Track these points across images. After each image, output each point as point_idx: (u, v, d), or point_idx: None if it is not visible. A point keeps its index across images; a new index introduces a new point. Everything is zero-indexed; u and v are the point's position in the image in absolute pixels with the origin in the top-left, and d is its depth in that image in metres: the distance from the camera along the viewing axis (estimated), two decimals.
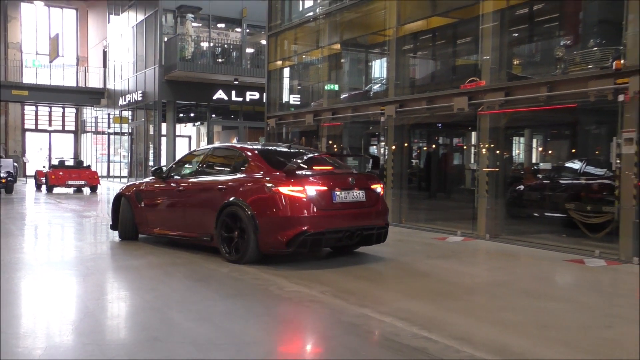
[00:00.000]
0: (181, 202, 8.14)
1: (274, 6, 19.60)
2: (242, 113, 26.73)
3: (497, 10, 11.55)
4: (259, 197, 7.01)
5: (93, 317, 4.96)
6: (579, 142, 14.51)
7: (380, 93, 15.75)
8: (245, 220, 6.94)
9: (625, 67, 8.22)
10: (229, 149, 8.69)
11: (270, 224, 6.84)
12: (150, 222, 8.61)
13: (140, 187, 8.91)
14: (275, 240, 6.83)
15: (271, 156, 7.79)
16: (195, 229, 7.82)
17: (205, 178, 8.05)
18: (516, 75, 12.35)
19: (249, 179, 7.33)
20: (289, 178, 6.93)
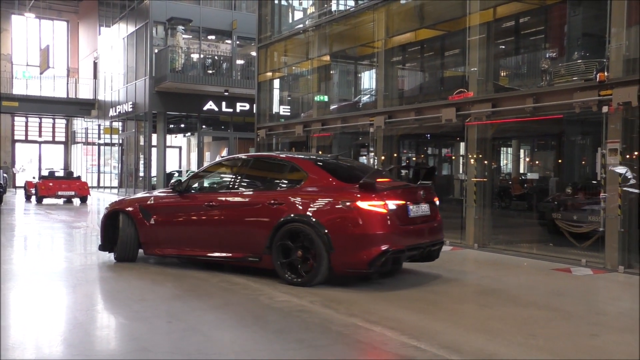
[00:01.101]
0: (214, 219, 7.19)
1: (264, 18, 19.68)
2: (232, 124, 26.72)
3: (484, 22, 11.67)
4: (332, 212, 6.38)
5: (82, 328, 4.92)
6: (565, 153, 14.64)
7: (369, 104, 15.84)
8: (315, 238, 6.27)
9: (609, 80, 8.32)
10: (276, 160, 7.82)
11: (348, 242, 6.23)
12: (163, 242, 7.60)
13: (146, 202, 7.82)
14: (354, 259, 6.21)
15: (333, 168, 7.12)
16: (236, 249, 6.99)
17: (248, 192, 7.27)
18: (503, 87, 12.46)
19: (315, 193, 6.60)
20: (368, 192, 6.32)
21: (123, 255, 7.87)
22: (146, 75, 24.95)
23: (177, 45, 24.62)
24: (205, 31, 25.99)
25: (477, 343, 4.50)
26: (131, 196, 8.55)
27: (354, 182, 6.57)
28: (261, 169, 7.74)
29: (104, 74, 31.51)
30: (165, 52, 24.31)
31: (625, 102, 8.01)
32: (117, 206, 8.15)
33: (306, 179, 6.83)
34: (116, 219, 7.96)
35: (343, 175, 6.88)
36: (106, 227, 8.08)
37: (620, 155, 8.09)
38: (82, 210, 19.12)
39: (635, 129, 8.25)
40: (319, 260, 6.29)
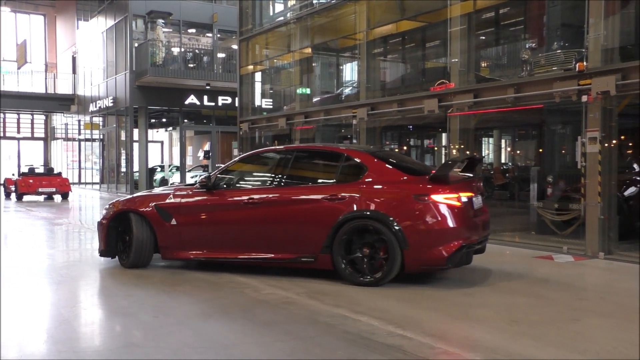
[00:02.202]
0: (256, 217, 6.59)
1: (245, 11, 19.60)
2: (214, 118, 26.61)
3: (465, 14, 11.75)
4: (405, 207, 6.03)
5: (68, 325, 4.92)
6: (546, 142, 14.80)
7: (351, 96, 15.86)
8: (388, 234, 5.93)
9: (588, 69, 8.44)
10: (327, 152, 7.23)
11: (425, 238, 5.95)
12: (189, 245, 6.91)
13: (165, 201, 7.06)
14: (431, 256, 5.94)
15: (393, 160, 6.78)
16: (285, 250, 6.48)
17: (297, 187, 6.73)
18: (484, 78, 12.56)
19: (382, 187, 6.24)
20: (441, 185, 6.07)
21: (137, 261, 7.03)
22: (126, 69, 24.74)
23: (158, 39, 24.44)
24: (186, 24, 25.83)
25: (462, 330, 4.59)
26: (139, 195, 7.63)
27: (418, 175, 6.42)
28: (309, 162, 7.20)
29: (83, 68, 31.17)
30: (145, 46, 24.12)
31: (604, 92, 8.14)
32: (125, 206, 7.21)
33: (366, 171, 6.37)
34: (123, 220, 7.16)
35: (404, 168, 6.58)
36: (109, 230, 7.23)
37: (599, 144, 8.22)
38: (63, 207, 18.95)
39: (614, 117, 8.39)
40: (392, 258, 5.94)
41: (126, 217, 7.10)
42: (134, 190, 24.84)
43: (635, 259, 7.78)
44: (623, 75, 8.03)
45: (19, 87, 32.38)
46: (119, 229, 7.26)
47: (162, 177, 28.43)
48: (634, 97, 8.37)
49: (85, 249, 9.71)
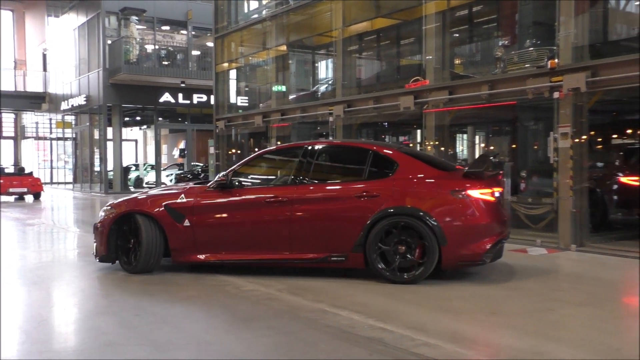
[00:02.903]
0: (281, 216, 6.33)
1: (220, 8, 19.53)
2: (189, 116, 26.46)
3: (439, 11, 11.88)
4: (442, 203, 5.99)
5: (48, 325, 4.90)
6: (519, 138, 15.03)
7: (327, 94, 15.91)
8: (426, 231, 5.84)
9: (559, 66, 8.63)
10: (354, 148, 7.10)
11: (463, 233, 5.92)
12: (204, 247, 6.55)
13: (176, 201, 6.63)
14: (469, 251, 5.93)
15: (422, 156, 6.78)
16: (314, 249, 6.27)
17: (325, 184, 6.55)
18: (459, 75, 12.72)
19: (416, 183, 6.16)
20: (477, 180, 6.07)
21: (146, 265, 6.59)
22: (99, 67, 24.45)
23: (131, 36, 24.23)
24: (160, 21, 25.64)
25: (442, 322, 4.67)
26: (143, 195, 7.14)
27: (446, 170, 6.44)
28: (333, 158, 7.00)
29: (55, 66, 30.69)
30: (118, 44, 23.88)
31: (575, 88, 8.33)
32: (130, 208, 6.76)
33: (397, 167, 6.27)
34: (127, 223, 6.73)
35: (434, 164, 6.55)
36: (111, 234, 6.73)
37: (570, 139, 8.41)
38: (35, 207, 18.67)
39: (584, 113, 8.59)
40: (430, 255, 5.87)
41: (131, 219, 6.66)
42: (108, 189, 24.60)
43: (606, 250, 8.02)
44: (593, 73, 8.23)
45: None
46: (120, 232, 6.79)
47: (137, 176, 28.19)
48: (604, 94, 8.59)
49: (58, 249, 9.61)
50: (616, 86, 8.22)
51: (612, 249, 8.18)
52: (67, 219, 14.80)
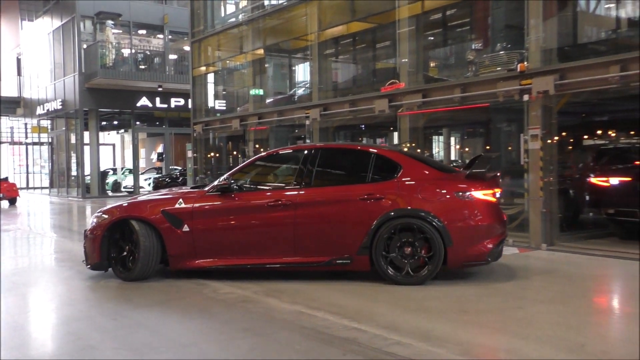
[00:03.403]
0: (284, 220, 6.24)
1: (197, 12, 19.50)
2: (167, 120, 26.35)
3: (413, 15, 12.03)
4: (447, 204, 6.02)
5: (23, 331, 4.88)
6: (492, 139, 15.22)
7: (304, 97, 16.00)
8: (432, 232, 5.88)
9: (528, 70, 8.79)
10: (356, 151, 6.99)
11: (468, 234, 5.97)
12: (204, 252, 6.39)
13: (173, 206, 6.46)
14: (475, 251, 6.00)
15: (422, 159, 6.84)
16: (318, 253, 6.21)
17: (328, 187, 6.47)
18: (432, 78, 12.85)
19: (420, 185, 6.15)
20: (479, 182, 6.14)
21: (143, 272, 6.39)
22: (75, 71, 24.24)
23: (107, 40, 24.06)
24: (136, 26, 25.50)
25: (414, 322, 4.75)
26: (136, 200, 7.02)
27: (449, 172, 6.49)
28: (336, 162, 6.85)
29: (29, 70, 30.32)
30: (94, 48, 23.71)
31: (544, 91, 8.49)
32: (125, 214, 6.56)
33: (401, 170, 6.25)
34: (121, 229, 6.57)
35: (435, 166, 6.60)
36: (104, 241, 6.52)
37: (540, 141, 8.57)
38: (11, 212, 18.42)
39: (554, 115, 8.76)
40: (436, 256, 5.90)
41: (126, 225, 6.48)
42: (86, 194, 24.35)
43: (576, 249, 8.20)
44: (561, 75, 8.40)
45: None
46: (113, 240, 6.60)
47: (115, 180, 27.96)
48: (573, 96, 8.77)
49: (35, 255, 9.51)
50: (585, 88, 8.37)
51: (581, 247, 8.36)
52: (44, 224, 14.63)
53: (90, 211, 17.93)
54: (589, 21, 12.97)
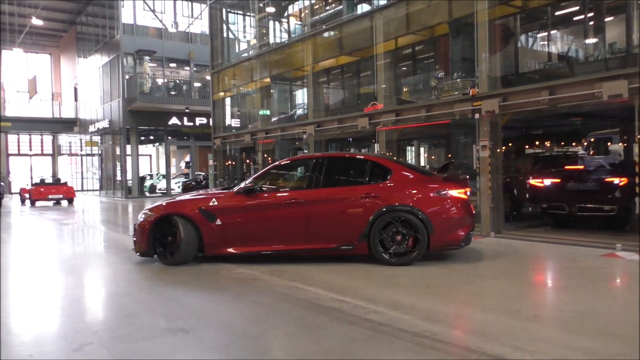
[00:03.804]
0: (299, 215, 6.25)
1: (216, 49, 19.52)
2: (193, 135, 26.32)
3: (388, 50, 12.08)
4: (430, 201, 6.09)
5: (80, 303, 4.90)
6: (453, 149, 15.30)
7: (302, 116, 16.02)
8: (418, 223, 5.98)
9: (479, 94, 8.86)
10: (355, 159, 7.12)
11: (446, 224, 6.08)
12: (234, 242, 6.40)
13: (207, 204, 6.44)
14: (451, 238, 6.12)
15: (407, 165, 6.97)
16: (326, 240, 6.23)
17: (334, 188, 6.43)
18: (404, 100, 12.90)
19: (408, 185, 6.22)
20: (454, 182, 6.22)
21: (183, 259, 6.38)
22: (119, 97, 24.22)
23: (144, 72, 24.04)
24: (168, 60, 25.48)
25: (387, 295, 4.78)
26: (174, 200, 6.85)
27: (429, 175, 6.53)
28: (339, 167, 6.87)
29: (83, 97, 30.30)
30: (134, 78, 23.70)
31: (491, 110, 8.55)
32: (168, 211, 6.52)
33: (391, 173, 6.34)
34: (165, 223, 6.51)
35: (417, 170, 6.71)
36: (151, 233, 6.51)
37: (489, 150, 8.62)
38: (69, 210, 18.41)
39: (499, 130, 8.82)
40: (421, 242, 6.01)
41: (169, 220, 6.46)
42: (128, 195, 24.31)
43: (517, 236, 8.24)
44: (504, 98, 8.46)
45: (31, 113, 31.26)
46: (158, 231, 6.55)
47: (151, 183, 27.92)
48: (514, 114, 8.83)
49: (88, 244, 9.53)
50: (523, 108, 8.44)
51: (522, 235, 8.41)
52: (95, 219, 14.63)
53: (132, 209, 17.92)
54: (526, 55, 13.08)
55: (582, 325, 3.80)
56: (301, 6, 18.14)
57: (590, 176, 8.32)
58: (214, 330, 3.85)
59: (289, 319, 4.11)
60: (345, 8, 14.96)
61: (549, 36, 13.77)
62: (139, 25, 24.73)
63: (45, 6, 26.70)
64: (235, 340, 3.63)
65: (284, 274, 5.74)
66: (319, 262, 6.37)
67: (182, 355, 3.35)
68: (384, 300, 4.55)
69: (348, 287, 5.12)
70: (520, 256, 6.86)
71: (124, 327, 3.95)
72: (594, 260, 6.33)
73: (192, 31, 26.10)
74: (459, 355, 3.24)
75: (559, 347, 3.36)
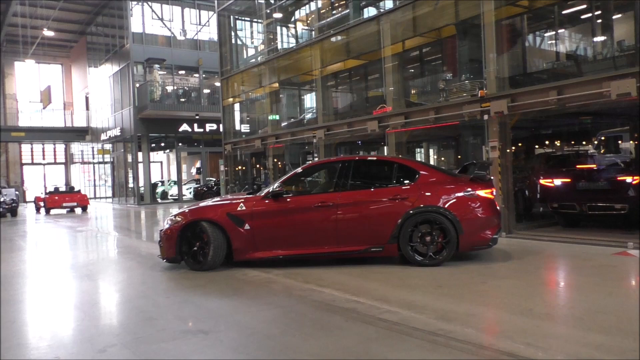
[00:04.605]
0: (329, 217, 6.20)
1: (224, 55, 19.72)
2: (203, 141, 26.55)
3: (396, 53, 12.17)
4: (459, 201, 6.07)
5: (100, 306, 5.02)
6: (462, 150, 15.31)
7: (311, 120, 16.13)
8: (448, 224, 5.98)
9: (487, 95, 8.90)
10: (381, 161, 7.15)
11: (475, 225, 6.07)
12: (262, 246, 6.32)
13: (235, 209, 6.37)
14: (480, 238, 6.11)
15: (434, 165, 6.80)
16: (356, 243, 6.19)
17: (363, 190, 6.37)
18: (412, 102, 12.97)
19: (436, 186, 6.19)
20: (482, 183, 6.22)
21: (213, 264, 6.33)
22: (130, 105, 24.51)
23: (155, 80, 24.32)
24: (177, 67, 25.75)
25: (400, 295, 4.85)
26: (200, 206, 6.72)
27: (456, 176, 6.48)
28: (367, 170, 6.84)
29: (95, 105, 30.69)
30: (145, 86, 23.98)
31: (500, 111, 8.59)
32: (196, 216, 6.44)
33: (419, 175, 6.31)
34: (192, 229, 6.45)
35: (445, 171, 6.68)
36: (178, 239, 6.44)
37: (498, 151, 8.66)
38: (84, 217, 18.66)
39: (508, 131, 8.85)
40: (451, 242, 6.00)
41: (196, 226, 6.39)
42: (140, 201, 24.56)
43: (528, 236, 8.26)
44: (512, 99, 8.50)
45: (44, 123, 31.76)
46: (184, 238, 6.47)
47: (163, 190, 28.17)
48: (522, 115, 8.87)
49: (102, 250, 9.68)
50: (532, 109, 8.46)
51: (533, 234, 8.42)
52: (108, 225, 14.84)
53: (144, 215, 18.12)
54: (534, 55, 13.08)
55: (594, 322, 3.85)
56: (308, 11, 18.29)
57: (601, 175, 8.32)
58: (233, 331, 3.95)
59: (306, 320, 4.18)
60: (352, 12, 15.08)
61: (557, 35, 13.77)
62: (148, 34, 25.03)
63: (56, 17, 27.13)
64: (255, 340, 3.73)
65: (298, 277, 5.82)
66: (331, 265, 6.42)
67: (204, 355, 3.45)
68: (397, 301, 4.61)
69: (361, 288, 5.18)
70: (532, 255, 6.87)
71: (145, 330, 4.05)
72: (606, 258, 6.35)
73: (200, 38, 26.37)
74: (472, 353, 3.31)
75: (571, 343, 3.42)
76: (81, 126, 32.25)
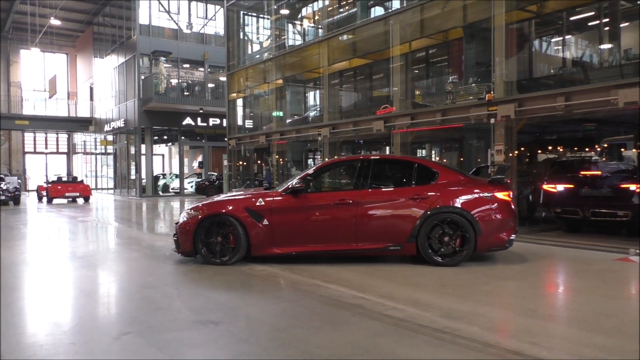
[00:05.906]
0: (348, 215, 6.22)
1: (230, 50, 19.77)
2: (206, 135, 26.61)
3: (403, 53, 12.23)
4: (477, 202, 6.14)
5: (110, 296, 5.09)
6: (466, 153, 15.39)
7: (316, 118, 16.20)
8: (466, 224, 6.05)
9: (494, 99, 8.98)
10: (401, 161, 7.24)
11: (492, 226, 6.13)
12: (281, 241, 6.33)
13: (256, 204, 6.38)
14: (497, 240, 6.19)
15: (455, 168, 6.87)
16: (375, 241, 6.21)
17: (382, 189, 6.42)
18: (418, 104, 13.05)
19: (455, 187, 6.24)
20: (500, 185, 6.28)
21: (237, 258, 6.37)
22: (135, 97, 24.56)
23: (160, 72, 24.38)
24: (183, 61, 25.82)
25: (405, 293, 4.93)
26: (215, 200, 6.76)
27: (474, 178, 6.55)
28: (387, 169, 6.92)
29: (99, 96, 30.74)
30: (150, 79, 24.03)
31: (506, 115, 8.67)
32: (212, 211, 6.44)
33: (438, 175, 6.37)
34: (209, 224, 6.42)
35: (463, 173, 6.76)
36: (195, 233, 6.41)
37: (504, 155, 8.74)
38: (86, 207, 18.74)
39: (514, 135, 8.93)
40: (469, 243, 6.07)
41: (214, 220, 6.39)
42: (142, 193, 24.64)
43: (531, 240, 8.33)
44: (519, 103, 8.57)
45: (47, 112, 31.81)
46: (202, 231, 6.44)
47: (165, 182, 28.27)
48: (529, 119, 8.95)
49: (107, 238, 9.76)
50: (538, 114, 8.55)
51: (535, 238, 8.48)
52: (110, 216, 14.92)
53: (146, 207, 18.21)
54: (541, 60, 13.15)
55: (596, 324, 3.94)
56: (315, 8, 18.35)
57: (605, 182, 8.40)
58: (242, 322, 4.04)
59: (313, 314, 4.26)
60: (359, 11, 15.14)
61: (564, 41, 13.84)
62: (155, 26, 25.08)
63: (64, 6, 27.16)
64: (265, 332, 3.82)
65: (304, 272, 5.90)
66: (335, 262, 6.49)
67: (216, 345, 3.54)
68: (403, 298, 4.69)
69: (367, 285, 5.26)
70: (534, 259, 6.92)
71: (157, 319, 4.14)
72: (607, 263, 6.44)
73: (206, 32, 26.42)
74: (479, 350, 3.40)
75: (574, 344, 3.51)
76: (85, 116, 32.30)
